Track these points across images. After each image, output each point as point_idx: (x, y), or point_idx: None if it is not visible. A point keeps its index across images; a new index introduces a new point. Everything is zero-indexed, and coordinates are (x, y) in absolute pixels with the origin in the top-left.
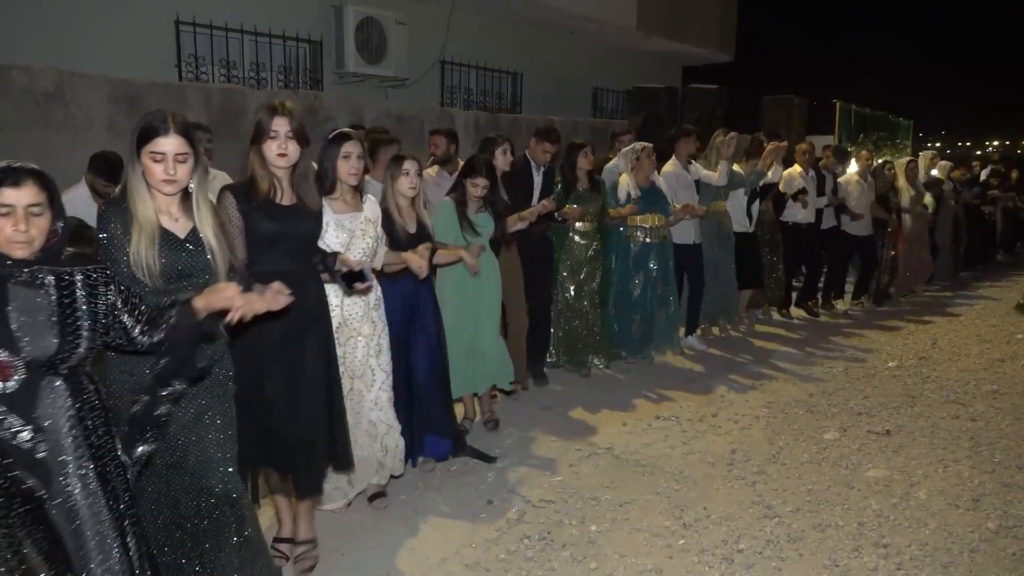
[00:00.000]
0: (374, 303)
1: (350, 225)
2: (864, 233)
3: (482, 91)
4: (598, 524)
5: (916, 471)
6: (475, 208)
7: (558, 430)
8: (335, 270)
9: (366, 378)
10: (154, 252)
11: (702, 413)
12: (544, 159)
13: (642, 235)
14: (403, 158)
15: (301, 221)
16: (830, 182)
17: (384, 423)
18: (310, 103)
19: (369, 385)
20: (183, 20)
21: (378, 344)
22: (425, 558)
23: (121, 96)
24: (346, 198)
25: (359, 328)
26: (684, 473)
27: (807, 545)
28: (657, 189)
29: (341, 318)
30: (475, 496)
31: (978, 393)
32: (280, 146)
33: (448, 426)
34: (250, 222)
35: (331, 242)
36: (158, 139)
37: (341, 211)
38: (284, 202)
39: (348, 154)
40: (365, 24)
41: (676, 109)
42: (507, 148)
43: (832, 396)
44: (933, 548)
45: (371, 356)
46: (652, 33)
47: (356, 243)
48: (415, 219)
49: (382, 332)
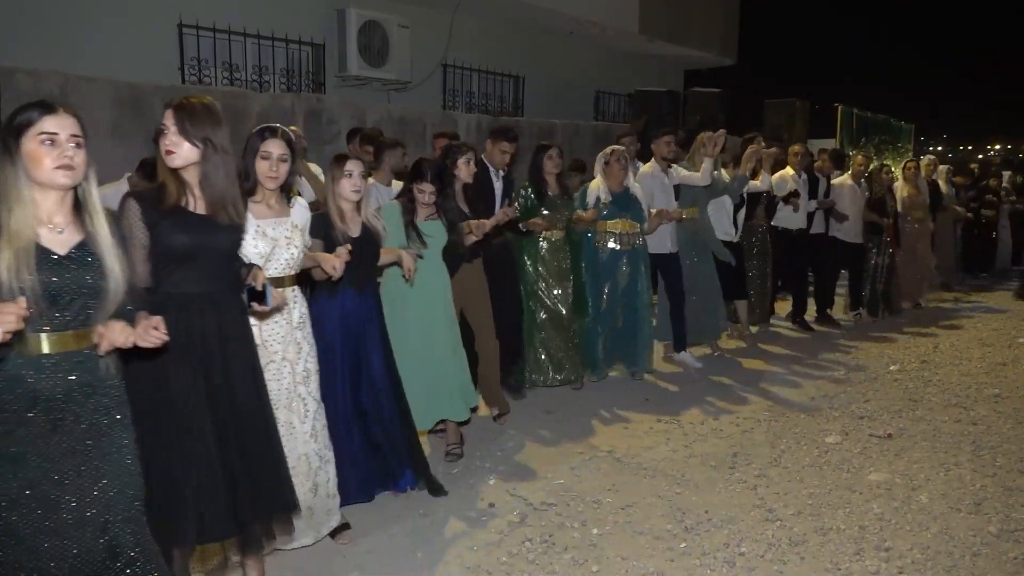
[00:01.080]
0: (298, 321)
1: (273, 233)
2: (854, 240)
3: (484, 94)
4: (599, 527)
5: (918, 475)
6: (425, 215)
7: (559, 433)
8: (245, 282)
9: (296, 408)
10: (32, 276)
11: (703, 416)
12: (502, 161)
13: (612, 242)
14: (345, 158)
15: (219, 233)
16: (823, 186)
17: (317, 455)
18: (312, 106)
19: (302, 417)
20: (186, 23)
21: (305, 369)
22: (426, 561)
23: (125, 99)
24: (270, 202)
25: (282, 351)
26: (685, 476)
27: (808, 548)
28: (631, 195)
29: (259, 340)
30: (476, 499)
31: (980, 397)
32: (167, 143)
33: (408, 457)
34: (157, 235)
35: (249, 252)
36: (45, 119)
37: (264, 216)
38: (199, 211)
39: (268, 154)
40: (367, 27)
41: (678, 113)
42: (471, 158)
43: (833, 399)
44: (935, 552)
45: (298, 383)
46: (654, 37)
47: (279, 253)
48: (359, 224)
49: (308, 355)
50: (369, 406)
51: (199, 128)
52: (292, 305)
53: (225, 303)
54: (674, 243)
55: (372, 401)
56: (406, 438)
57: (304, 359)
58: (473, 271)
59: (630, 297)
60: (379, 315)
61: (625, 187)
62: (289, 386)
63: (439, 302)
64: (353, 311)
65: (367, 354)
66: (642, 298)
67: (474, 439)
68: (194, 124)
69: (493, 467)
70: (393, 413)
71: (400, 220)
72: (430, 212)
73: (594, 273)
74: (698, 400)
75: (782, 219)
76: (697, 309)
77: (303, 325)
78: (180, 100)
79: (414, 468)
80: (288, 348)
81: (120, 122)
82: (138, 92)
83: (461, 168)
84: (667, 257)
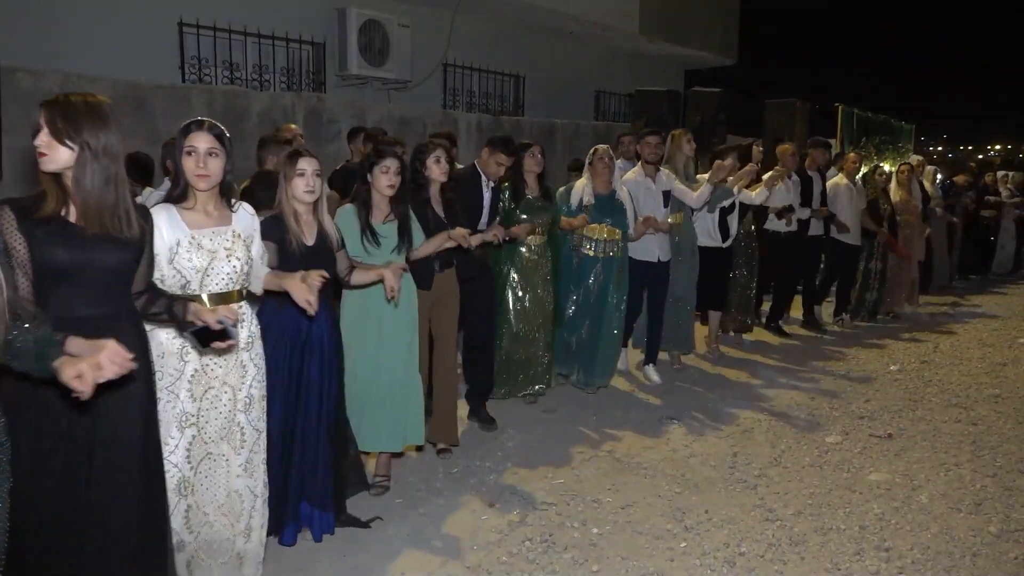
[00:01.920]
0: (245, 342)
1: (211, 244)
2: (852, 242)
3: (484, 94)
4: (600, 527)
5: (918, 475)
6: (383, 216)
7: (559, 433)
8: (184, 323)
9: (232, 439)
10: None
11: (703, 416)
12: (496, 173)
13: (588, 247)
14: (298, 155)
15: (105, 248)
16: (818, 184)
17: (251, 492)
18: (313, 105)
19: (237, 447)
20: (187, 22)
21: (248, 396)
22: (427, 560)
23: (125, 98)
24: (207, 208)
25: (223, 376)
26: (686, 476)
27: (809, 548)
28: (616, 199)
29: (199, 364)
30: (477, 498)
31: (980, 397)
32: (37, 143)
33: (329, 497)
34: (31, 247)
35: (183, 266)
36: None
37: (199, 226)
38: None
39: (192, 148)
40: (368, 26)
41: (678, 113)
42: (441, 156)
43: (834, 400)
44: (935, 552)
45: (238, 411)
46: (654, 37)
47: (218, 267)
48: (315, 229)
49: (254, 380)
50: (300, 432)
51: (74, 128)
52: (240, 324)
53: (120, 330)
54: (665, 252)
55: (302, 428)
56: (331, 468)
57: (249, 384)
58: (446, 280)
59: (597, 309)
60: (330, 331)
61: (612, 190)
62: (227, 414)
63: (401, 316)
64: (298, 327)
65: (308, 375)
66: (609, 311)
67: (474, 439)
68: (68, 124)
69: (493, 466)
70: (321, 443)
71: (354, 224)
72: (387, 212)
73: (566, 278)
74: (698, 400)
75: (772, 222)
76: (672, 316)
77: (251, 346)
78: (56, 96)
79: (334, 502)
80: (231, 373)
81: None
82: (139, 91)
83: (432, 168)
84: (655, 266)
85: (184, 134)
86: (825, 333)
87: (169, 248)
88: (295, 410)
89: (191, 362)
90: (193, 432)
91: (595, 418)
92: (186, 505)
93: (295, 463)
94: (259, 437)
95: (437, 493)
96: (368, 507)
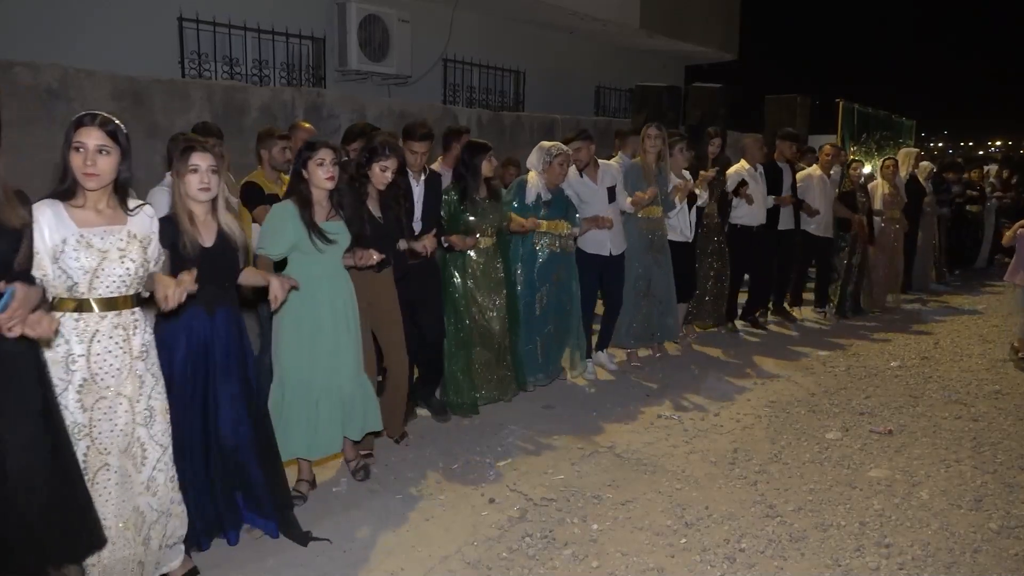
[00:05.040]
0: (140, 351)
1: (102, 243)
2: (823, 234)
3: (485, 89)
4: (600, 523)
5: (918, 471)
6: (325, 213)
7: (559, 428)
8: None
9: (133, 454)
10: None
11: (704, 412)
12: (416, 162)
13: (550, 244)
14: (192, 149)
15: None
16: (788, 176)
17: (155, 510)
18: (313, 100)
19: (139, 464)
20: (186, 17)
21: (148, 408)
22: (427, 556)
23: (125, 93)
24: (98, 206)
25: (116, 386)
26: (686, 472)
27: (809, 545)
28: (566, 196)
29: (87, 372)
30: (477, 494)
31: (980, 393)
32: None
33: (269, 503)
34: None
35: (70, 266)
36: None
37: (89, 224)
38: None
39: (81, 144)
40: (368, 21)
41: (679, 108)
42: (389, 166)
43: (834, 396)
44: (935, 548)
45: (138, 424)
46: (655, 32)
47: (110, 269)
48: (215, 230)
49: (154, 391)
50: (219, 443)
51: None
52: (133, 331)
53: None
54: (617, 245)
55: (222, 438)
56: (264, 478)
57: (147, 396)
58: (382, 282)
59: (564, 302)
60: (236, 338)
61: (559, 187)
62: (125, 427)
63: (342, 313)
64: (202, 335)
65: (216, 385)
66: (575, 304)
67: (474, 434)
68: None
69: (493, 462)
70: (248, 452)
71: (297, 222)
72: (329, 209)
73: (529, 277)
74: (698, 396)
75: (741, 216)
76: (651, 312)
77: (146, 355)
78: None
79: (274, 511)
80: (125, 383)
81: (120, 116)
82: (138, 86)
83: (376, 173)
84: (608, 260)
85: (74, 128)
86: (794, 322)
87: (54, 246)
88: (208, 423)
89: (78, 371)
90: (87, 443)
91: (595, 414)
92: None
93: (220, 473)
94: (163, 453)
95: (437, 489)
96: (370, 502)
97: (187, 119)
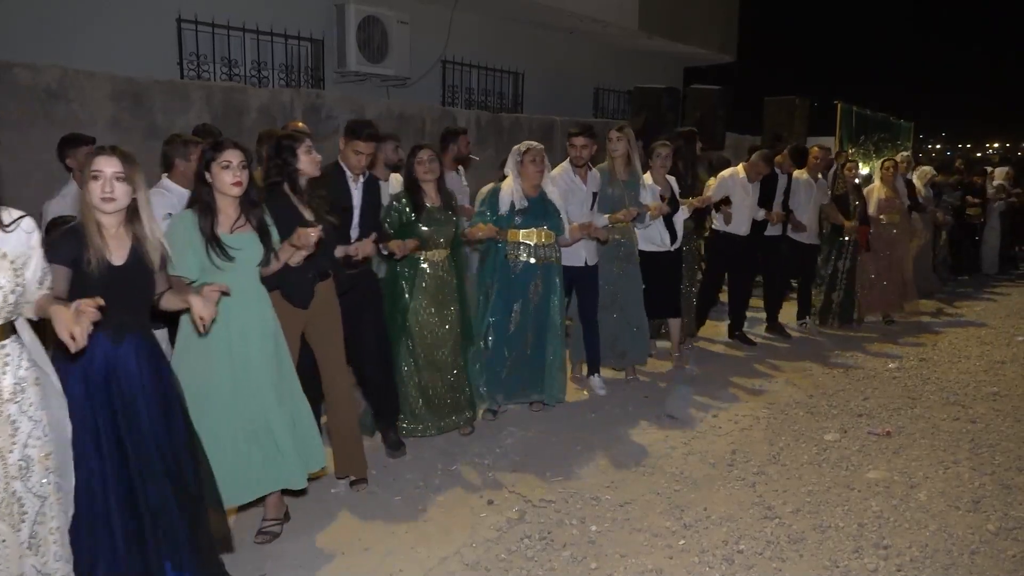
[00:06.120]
0: (11, 392)
1: None
2: (809, 241)
3: (483, 91)
4: (598, 524)
5: (916, 473)
6: (230, 223)
7: (558, 430)
8: None
9: (8, 512)
10: None
11: (702, 414)
12: (358, 164)
13: (526, 255)
14: (98, 153)
15: None
16: (782, 183)
17: (39, 572)
18: (312, 102)
19: (17, 522)
20: (185, 18)
21: (23, 458)
22: (426, 557)
23: (124, 93)
24: None
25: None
26: (684, 474)
27: (807, 546)
28: (548, 200)
29: None
30: (475, 496)
31: (978, 395)
32: None
33: (192, 554)
34: None
35: None
36: None
37: None
38: None
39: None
40: (367, 23)
41: (678, 110)
42: (311, 146)
43: (832, 397)
44: (933, 550)
45: (12, 479)
46: (654, 33)
47: None
48: (128, 245)
49: (31, 438)
50: (136, 486)
51: None
52: (2, 369)
53: None
54: (592, 255)
55: (139, 480)
56: (187, 524)
57: (22, 444)
58: (321, 297)
59: (541, 318)
60: (149, 366)
61: (541, 191)
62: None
63: (256, 337)
64: (106, 365)
65: (129, 420)
66: (553, 319)
67: (474, 436)
68: None
69: (492, 464)
70: (167, 495)
71: (195, 234)
72: (236, 219)
73: (504, 290)
74: (697, 398)
75: (721, 223)
76: (619, 327)
77: (19, 395)
78: None
79: (195, 562)
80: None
81: (119, 117)
82: (137, 87)
83: (302, 159)
84: (583, 271)
85: None
86: (789, 337)
87: None
88: (124, 463)
89: None
90: None
91: (593, 416)
92: None
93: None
94: (44, 503)
95: (435, 490)
96: (370, 502)
97: (186, 120)
